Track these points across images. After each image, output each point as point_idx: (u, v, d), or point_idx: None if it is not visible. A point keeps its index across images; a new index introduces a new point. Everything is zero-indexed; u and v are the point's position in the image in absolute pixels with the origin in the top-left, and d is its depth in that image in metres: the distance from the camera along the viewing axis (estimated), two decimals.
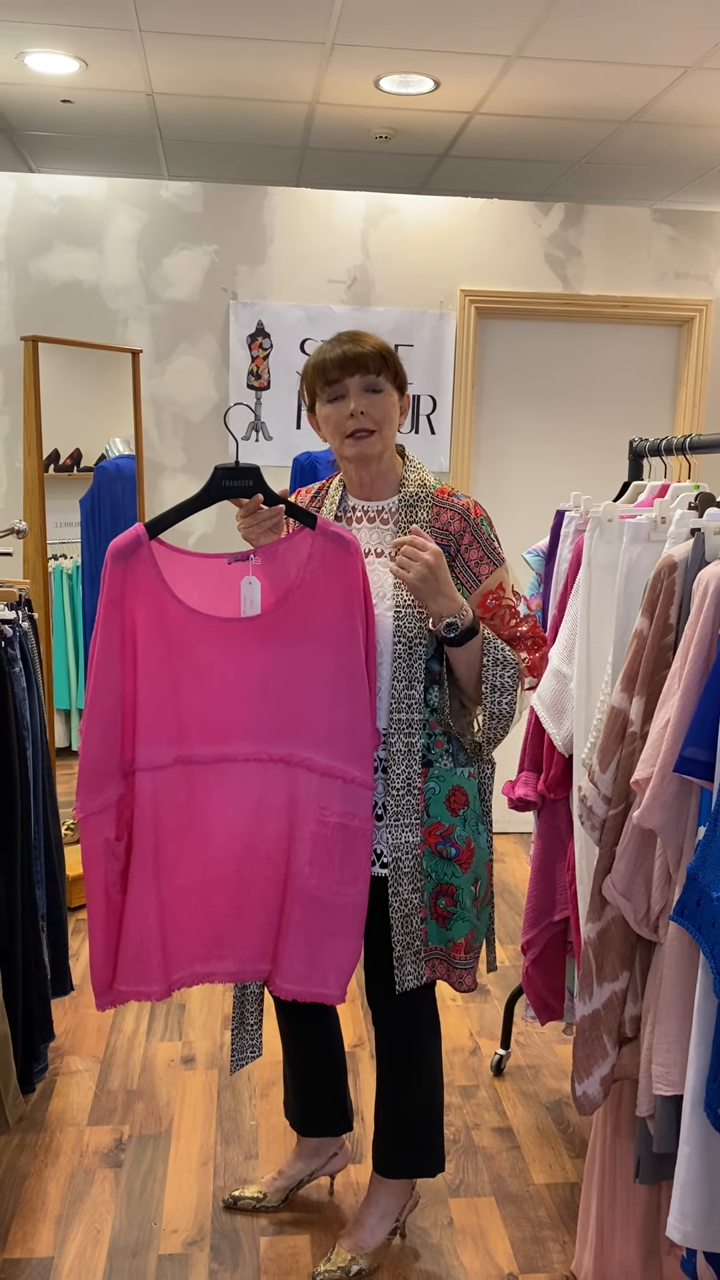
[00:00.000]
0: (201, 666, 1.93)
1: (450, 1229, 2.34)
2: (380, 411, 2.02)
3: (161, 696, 1.92)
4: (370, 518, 2.09)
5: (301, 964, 2.02)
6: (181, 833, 1.97)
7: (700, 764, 1.63)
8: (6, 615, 2.50)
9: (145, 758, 1.94)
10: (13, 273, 4.40)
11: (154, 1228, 2.31)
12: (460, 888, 2.02)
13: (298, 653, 1.95)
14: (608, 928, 1.86)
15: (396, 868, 2.00)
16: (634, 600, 1.98)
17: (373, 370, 2.00)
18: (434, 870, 2.01)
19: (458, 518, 2.03)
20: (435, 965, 2.06)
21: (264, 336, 4.52)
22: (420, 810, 2.00)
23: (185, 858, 1.98)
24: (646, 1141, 1.82)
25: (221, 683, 1.94)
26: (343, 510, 2.12)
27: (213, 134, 4.78)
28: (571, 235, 4.64)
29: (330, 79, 4.01)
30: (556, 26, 3.48)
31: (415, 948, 2.02)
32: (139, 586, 1.89)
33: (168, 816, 1.96)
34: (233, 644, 1.94)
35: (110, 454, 4.35)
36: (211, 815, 1.98)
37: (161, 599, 1.91)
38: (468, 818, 2.04)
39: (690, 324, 4.73)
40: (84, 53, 3.85)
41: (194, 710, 1.94)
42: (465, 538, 2.02)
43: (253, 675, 1.95)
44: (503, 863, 4.52)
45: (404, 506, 2.05)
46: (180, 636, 1.92)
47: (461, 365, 4.61)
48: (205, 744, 1.96)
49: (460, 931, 2.04)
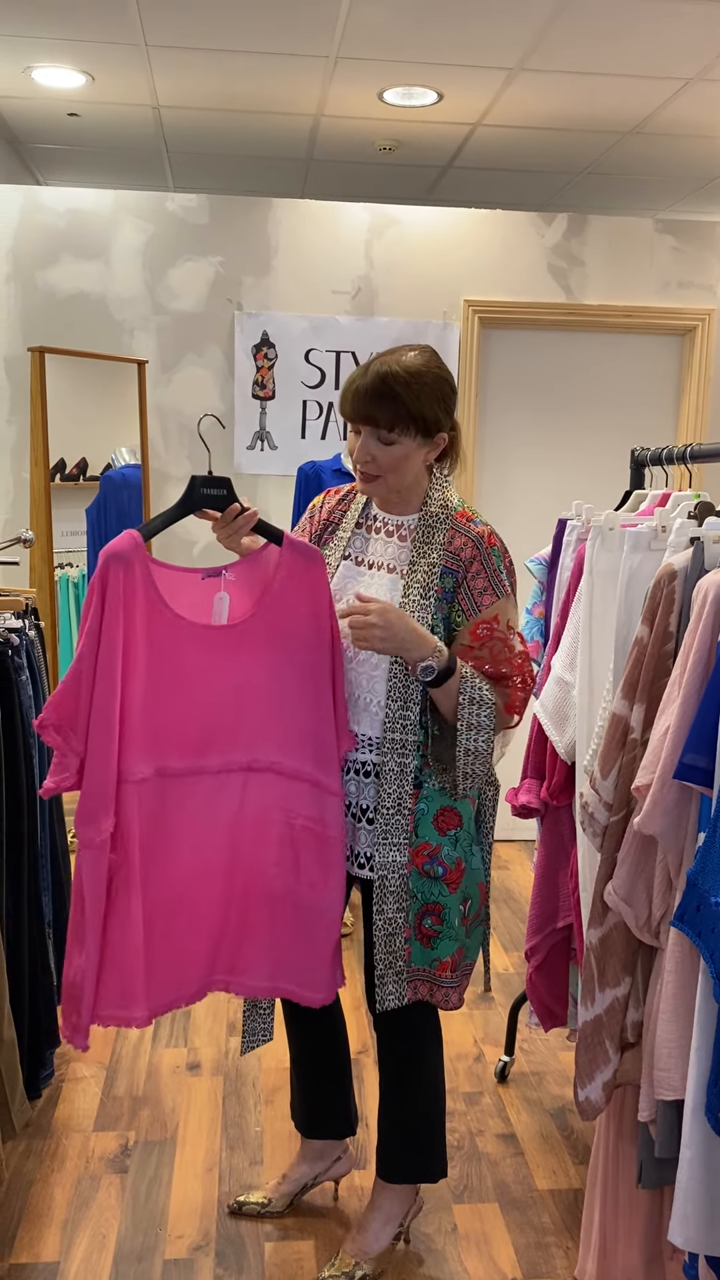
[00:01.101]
0: (186, 675, 1.94)
1: (454, 1234, 2.34)
2: (389, 462, 1.99)
3: (144, 706, 1.90)
4: (390, 531, 2.10)
5: (267, 962, 2.03)
6: (159, 848, 1.94)
7: (700, 770, 1.64)
8: (13, 624, 2.52)
9: (128, 770, 1.89)
10: (20, 284, 4.44)
11: (159, 1233, 2.32)
12: (448, 907, 2.02)
13: (267, 660, 1.98)
14: (609, 934, 1.87)
15: (382, 886, 2.00)
16: (635, 608, 1.99)
17: (383, 425, 1.95)
18: (420, 890, 2.01)
19: (470, 544, 2.00)
20: (418, 986, 2.06)
21: (269, 347, 4.55)
22: (409, 830, 2.00)
23: (163, 873, 1.95)
24: (648, 1146, 1.83)
25: (203, 692, 1.95)
26: (365, 518, 2.13)
27: (218, 146, 4.82)
28: (574, 245, 4.67)
29: (334, 92, 4.05)
30: (559, 39, 3.51)
31: (397, 968, 2.02)
32: (136, 591, 1.89)
33: (147, 831, 1.92)
34: (211, 651, 1.96)
35: (116, 463, 4.38)
36: (186, 828, 1.96)
37: (153, 604, 1.91)
38: (459, 839, 2.03)
39: (693, 333, 4.75)
40: (90, 67, 3.89)
41: (172, 721, 1.93)
42: (474, 565, 1.99)
43: (227, 683, 1.96)
44: (506, 870, 4.53)
45: (423, 525, 2.05)
46: (164, 643, 1.92)
47: (465, 375, 4.63)
48: (180, 755, 1.95)
49: (447, 950, 2.03)
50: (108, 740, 1.86)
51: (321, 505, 2.22)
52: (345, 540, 2.12)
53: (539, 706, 2.46)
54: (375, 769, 2.03)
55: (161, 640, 1.92)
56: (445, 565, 2.00)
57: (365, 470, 2.01)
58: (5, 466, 4.48)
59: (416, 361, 1.97)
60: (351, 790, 2.07)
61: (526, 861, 4.59)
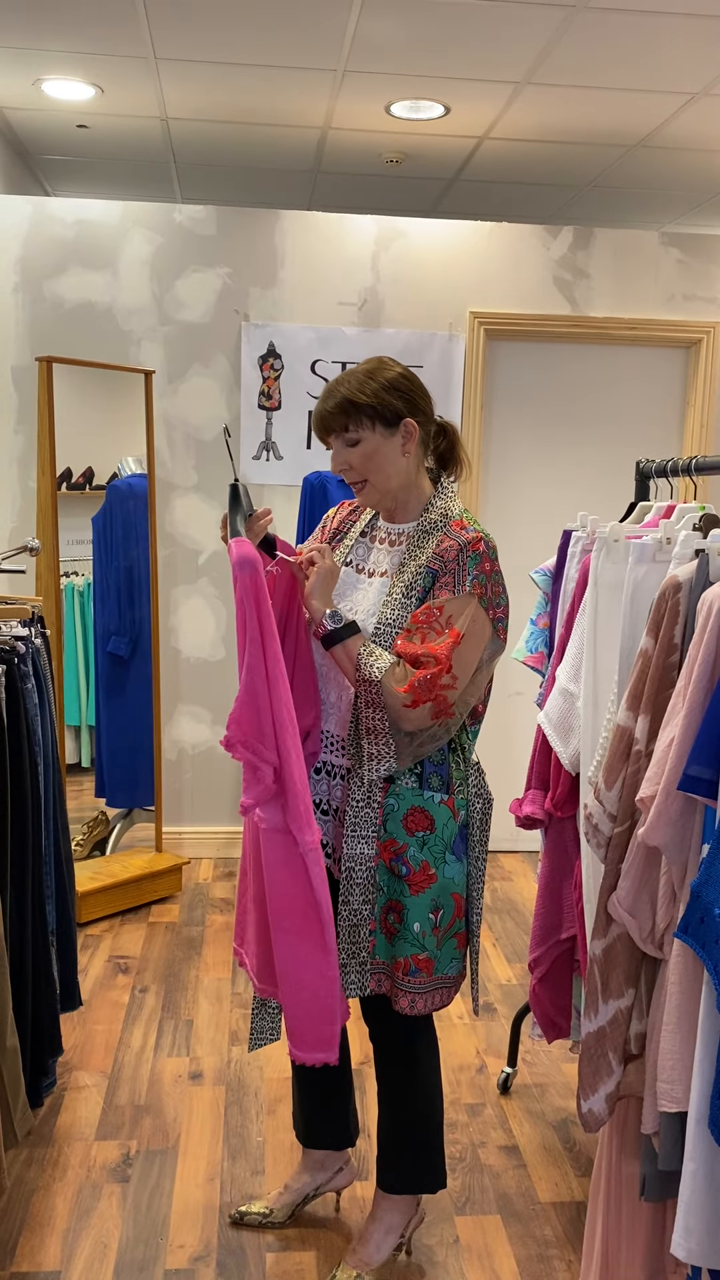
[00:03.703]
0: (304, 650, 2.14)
1: (456, 1246, 2.34)
2: (362, 459, 2.05)
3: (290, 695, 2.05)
4: (392, 540, 2.14)
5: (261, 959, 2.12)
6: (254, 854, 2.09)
7: (704, 782, 1.64)
8: (19, 632, 2.53)
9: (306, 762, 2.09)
10: (28, 294, 4.46)
11: (160, 1243, 2.32)
12: (408, 909, 2.02)
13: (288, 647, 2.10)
14: (613, 945, 1.87)
15: (349, 878, 2.03)
16: (639, 620, 2.00)
17: (337, 428, 2.05)
18: (386, 885, 2.04)
19: (455, 547, 2.00)
20: (381, 980, 2.06)
21: (275, 358, 4.57)
22: (378, 824, 2.02)
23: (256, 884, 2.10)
24: (652, 1159, 1.82)
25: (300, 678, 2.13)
26: (370, 529, 2.20)
27: (226, 158, 4.84)
28: (580, 258, 4.69)
29: (342, 105, 4.07)
30: (565, 53, 3.53)
31: (360, 958, 2.04)
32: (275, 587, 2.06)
33: None
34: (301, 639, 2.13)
35: (122, 473, 4.39)
36: None
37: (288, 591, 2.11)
38: (428, 842, 2.03)
39: (698, 346, 4.76)
40: (100, 79, 3.91)
41: None
42: (452, 565, 1.99)
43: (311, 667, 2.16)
44: (509, 881, 4.52)
45: (419, 532, 2.08)
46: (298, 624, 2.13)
47: (470, 386, 4.65)
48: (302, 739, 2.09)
49: (402, 951, 2.03)
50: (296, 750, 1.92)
51: (334, 516, 2.29)
52: (349, 549, 2.19)
53: (543, 717, 2.46)
54: (346, 771, 2.07)
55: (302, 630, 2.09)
56: (430, 566, 2.02)
57: (347, 479, 2.10)
58: (12, 475, 4.50)
59: (363, 367, 2.09)
60: (322, 790, 2.12)
61: (530, 872, 4.59)
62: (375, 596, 2.09)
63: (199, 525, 4.61)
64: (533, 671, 2.77)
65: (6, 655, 2.42)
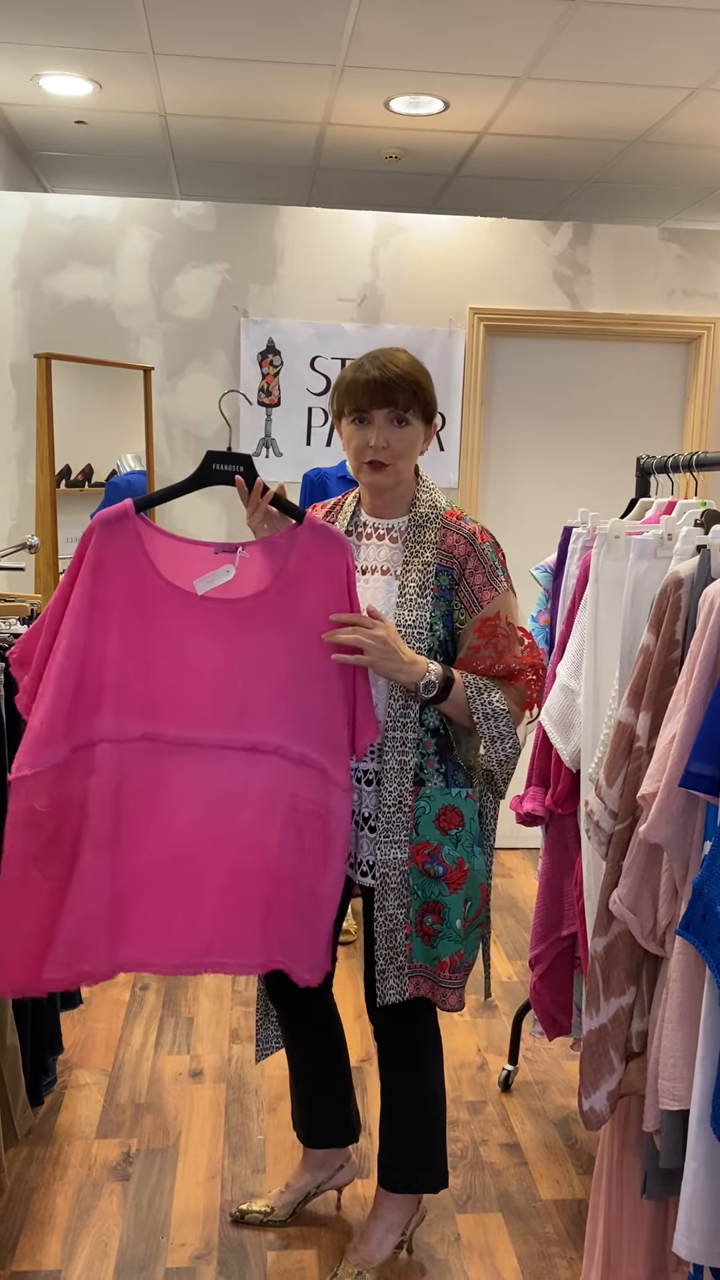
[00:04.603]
0: (177, 644, 1.91)
1: (457, 1244, 2.33)
2: (402, 445, 2.02)
3: (135, 669, 1.90)
4: (381, 535, 2.11)
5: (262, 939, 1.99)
6: (144, 811, 1.92)
7: (706, 779, 1.63)
8: (19, 629, 2.52)
9: (113, 729, 1.89)
10: (26, 291, 4.45)
11: (161, 1241, 2.32)
12: (448, 907, 2.02)
13: (277, 641, 1.94)
14: (614, 943, 1.86)
15: (384, 883, 2.01)
16: (640, 616, 1.99)
17: (401, 405, 1.99)
18: (421, 888, 2.02)
19: (463, 542, 2.03)
20: (420, 983, 2.06)
21: (275, 354, 4.56)
22: (409, 828, 2.01)
23: (146, 838, 1.92)
24: (653, 1157, 1.82)
25: (197, 663, 1.92)
26: (354, 525, 2.14)
27: (224, 154, 4.83)
28: (580, 254, 4.67)
29: (341, 100, 4.06)
30: (565, 48, 3.52)
31: (399, 963, 2.02)
32: (122, 555, 1.89)
33: (131, 792, 1.91)
34: (212, 625, 1.93)
35: (121, 469, 4.38)
36: (178, 799, 1.93)
37: (144, 571, 1.90)
38: (461, 838, 2.03)
39: (698, 342, 4.75)
40: (98, 75, 3.90)
41: (165, 688, 1.91)
42: (470, 562, 2.02)
43: (228, 659, 1.93)
44: (510, 878, 4.52)
45: (413, 526, 2.07)
46: (159, 611, 1.91)
47: (470, 383, 4.64)
48: (175, 724, 1.92)
49: (446, 950, 2.04)
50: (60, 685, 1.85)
51: None
52: None
53: (544, 714, 2.46)
54: (375, 776, 2.04)
55: (150, 606, 1.90)
56: (440, 564, 2.02)
57: (378, 458, 2.01)
58: (11, 472, 4.49)
59: (405, 354, 2.07)
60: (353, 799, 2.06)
61: (531, 869, 4.58)
62: (383, 596, 2.05)
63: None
64: None
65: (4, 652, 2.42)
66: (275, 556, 1.97)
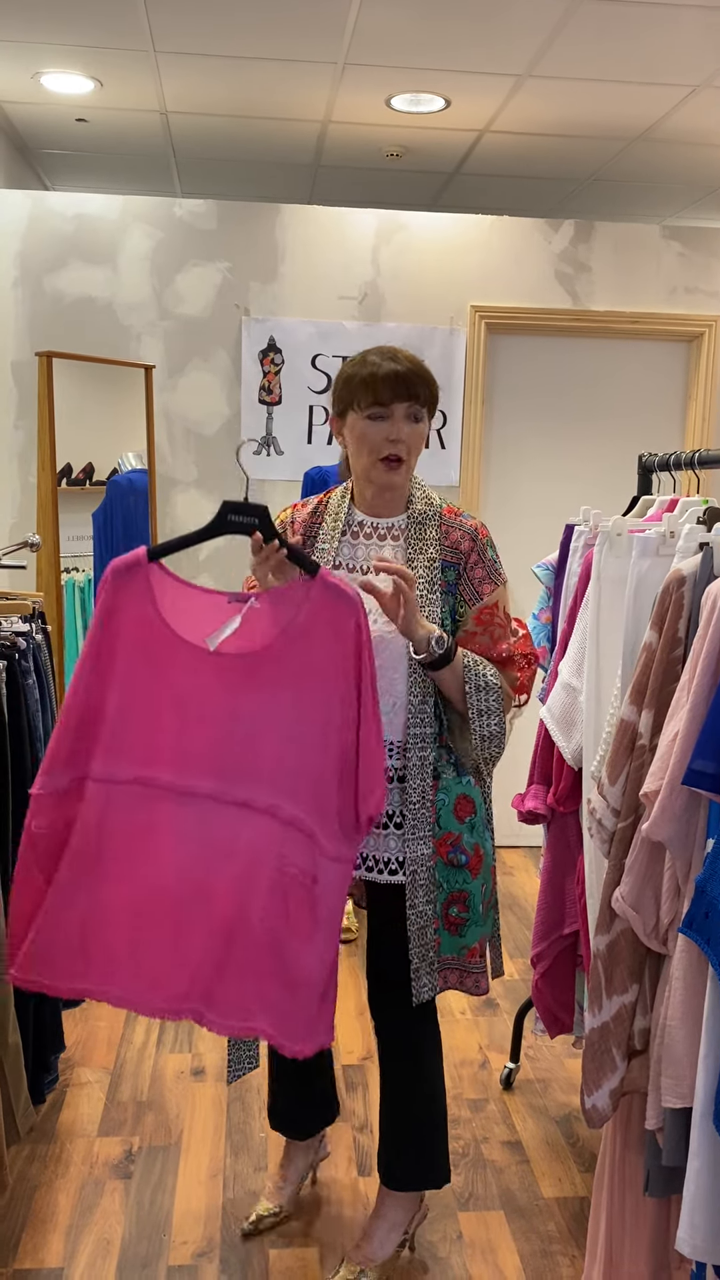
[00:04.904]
0: (179, 694, 1.89)
1: (459, 1242, 2.33)
2: (415, 441, 2.03)
3: (135, 716, 1.89)
4: (381, 534, 2.10)
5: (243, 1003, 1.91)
6: (128, 850, 1.91)
7: (709, 777, 1.63)
8: (20, 628, 2.52)
9: (104, 770, 1.89)
10: (28, 289, 4.45)
11: (163, 1239, 2.32)
12: (472, 893, 2.06)
13: (277, 698, 1.88)
14: (617, 940, 1.86)
15: (413, 881, 2.03)
16: (643, 614, 1.99)
17: (421, 400, 2.00)
18: (445, 880, 2.04)
19: (467, 538, 2.06)
20: (447, 976, 2.09)
21: (276, 352, 4.56)
22: (432, 822, 2.04)
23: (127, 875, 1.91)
24: (656, 1155, 1.82)
25: (198, 714, 1.89)
26: (349, 525, 2.12)
27: (226, 152, 4.83)
28: (581, 251, 4.67)
29: (342, 98, 4.05)
30: (566, 46, 3.51)
31: (430, 959, 2.04)
32: (130, 604, 1.89)
33: (116, 830, 1.90)
34: (216, 677, 1.88)
35: (123, 468, 4.38)
36: (164, 845, 1.90)
37: (150, 621, 1.89)
38: (475, 824, 2.08)
39: (699, 339, 4.74)
40: (99, 73, 3.90)
41: (163, 735, 1.90)
42: (472, 557, 2.06)
43: (228, 712, 1.88)
44: (512, 876, 4.52)
45: (413, 524, 2.07)
46: (163, 660, 1.89)
47: (472, 381, 4.64)
48: (170, 772, 1.90)
49: (474, 937, 2.08)
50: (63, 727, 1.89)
51: (292, 520, 2.16)
52: (333, 549, 2.09)
53: (545, 712, 2.46)
54: (399, 774, 2.04)
55: (155, 655, 1.89)
56: (445, 560, 2.04)
57: (394, 453, 2.00)
58: (12, 471, 4.49)
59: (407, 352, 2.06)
60: None
61: (532, 868, 4.58)
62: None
63: (199, 520, 4.58)
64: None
65: (7, 651, 2.42)
66: (285, 610, 1.90)
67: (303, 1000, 1.91)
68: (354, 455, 2.06)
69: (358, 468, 2.07)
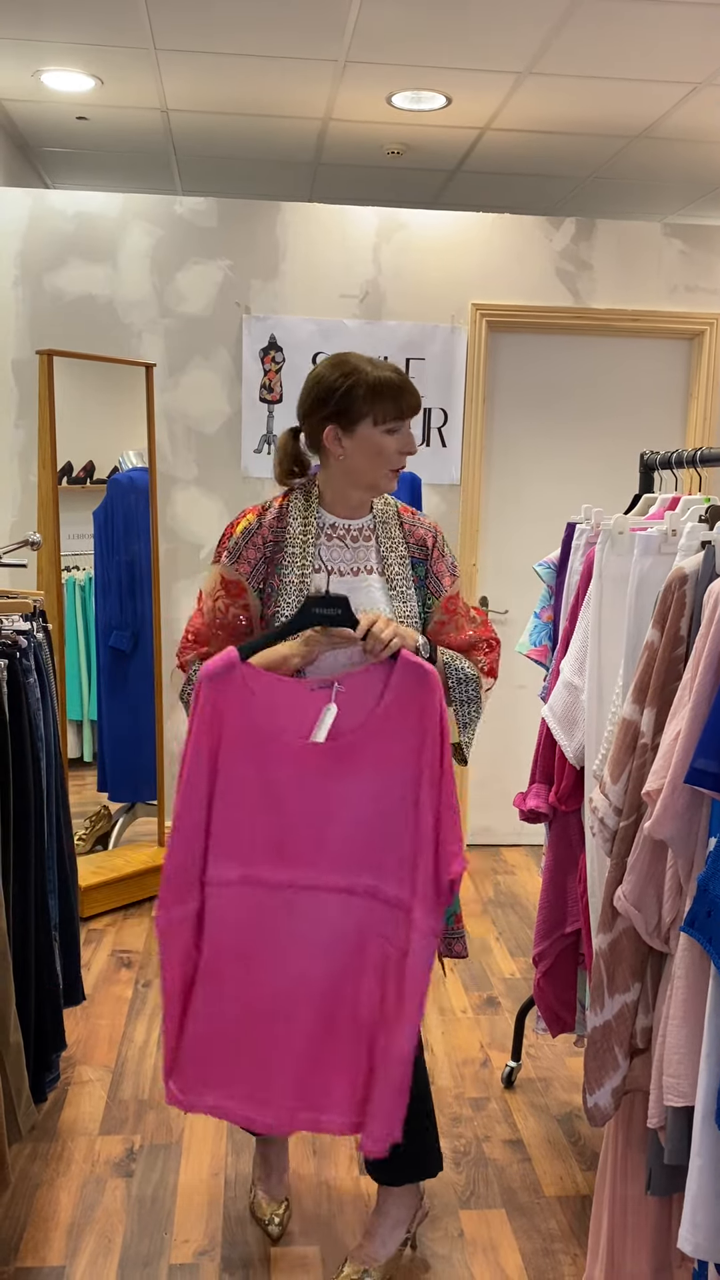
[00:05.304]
0: (276, 787, 1.93)
1: (461, 1241, 2.33)
2: None
3: (238, 816, 1.94)
4: (354, 536, 2.13)
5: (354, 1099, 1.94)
6: (239, 957, 1.94)
7: (711, 775, 1.63)
8: (21, 626, 2.52)
9: (213, 874, 1.94)
10: (28, 287, 4.44)
11: (165, 1238, 2.32)
12: None
13: (368, 780, 1.93)
14: (619, 939, 1.86)
15: None
16: (645, 612, 1.98)
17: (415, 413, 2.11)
18: None
19: (429, 534, 2.19)
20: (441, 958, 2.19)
21: (277, 350, 4.55)
22: None
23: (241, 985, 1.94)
24: (658, 1153, 1.82)
25: (295, 805, 1.93)
26: (322, 529, 2.12)
27: (227, 150, 4.82)
28: (583, 249, 4.66)
29: (343, 96, 4.05)
30: (567, 43, 3.51)
31: None
32: (228, 706, 1.92)
33: (230, 935, 1.94)
34: (308, 767, 1.93)
35: (123, 466, 4.38)
36: (276, 944, 1.94)
37: (248, 720, 1.92)
38: None
39: (701, 338, 4.74)
40: (99, 70, 3.89)
41: (267, 832, 1.94)
42: (435, 552, 2.18)
43: (323, 800, 1.93)
44: (513, 875, 4.52)
45: (380, 524, 2.15)
46: (260, 756, 1.93)
47: (473, 379, 4.63)
48: (271, 868, 1.94)
49: (458, 904, 2.19)
50: (187, 842, 1.93)
51: (259, 526, 2.13)
52: (310, 553, 2.09)
53: (547, 711, 2.45)
54: None
55: (252, 752, 1.93)
56: (414, 556, 2.17)
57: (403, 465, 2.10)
58: (13, 469, 4.49)
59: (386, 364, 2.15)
60: None
61: (534, 866, 4.58)
62: (380, 595, 2.10)
63: (200, 519, 4.60)
64: (537, 665, 2.76)
65: (8, 650, 2.41)
66: (369, 692, 1.94)
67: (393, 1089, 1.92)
68: (361, 464, 2.05)
69: (363, 477, 2.07)
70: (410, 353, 4.60)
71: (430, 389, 4.61)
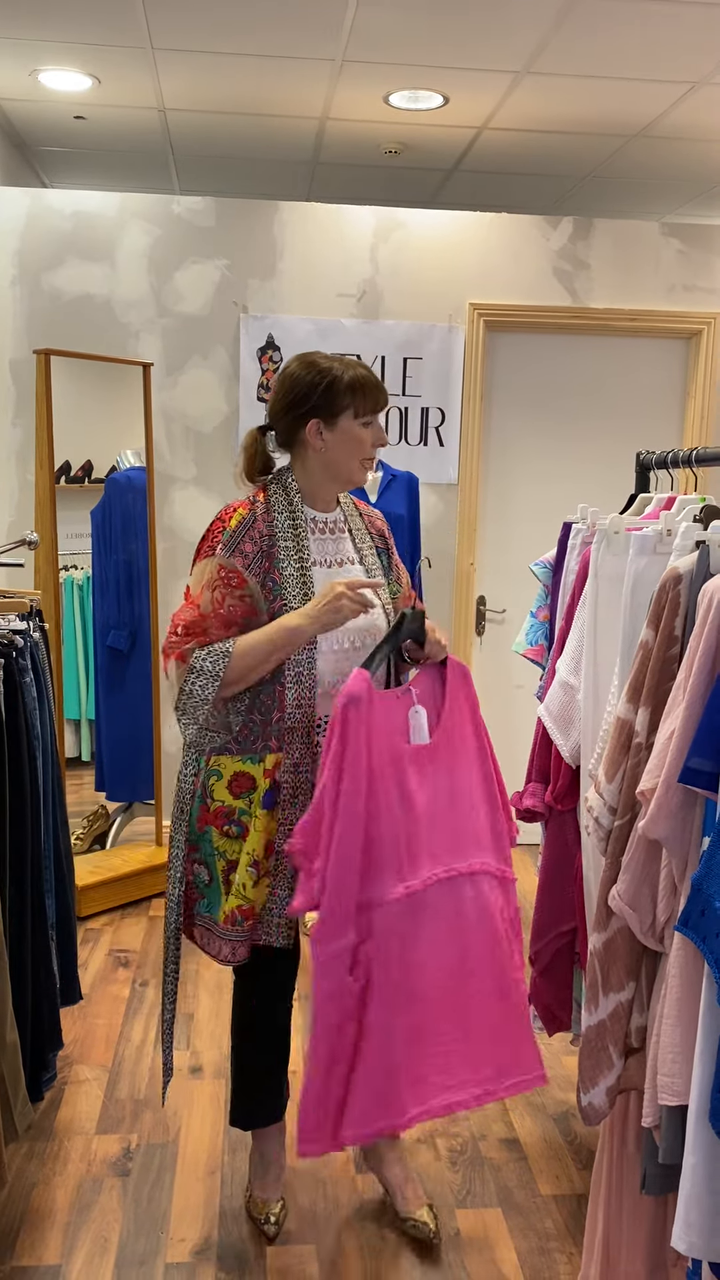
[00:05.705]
0: (406, 795, 2.06)
1: (457, 1239, 2.34)
2: None
3: (393, 831, 2.02)
4: (331, 529, 2.25)
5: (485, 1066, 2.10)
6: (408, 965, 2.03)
7: (705, 775, 1.63)
8: (18, 626, 2.52)
9: (378, 894, 2.00)
10: (26, 286, 4.44)
11: (161, 1237, 2.32)
12: None
13: (459, 769, 2.14)
14: (614, 938, 1.86)
15: None
16: (640, 612, 1.99)
17: None
18: None
19: (384, 524, 2.39)
20: None
21: (274, 349, 4.55)
22: None
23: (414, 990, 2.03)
24: (653, 1153, 1.82)
25: (421, 808, 2.07)
26: (305, 523, 2.20)
27: (224, 149, 4.82)
28: (580, 249, 4.67)
29: (341, 95, 4.05)
30: (565, 42, 3.51)
31: None
32: (372, 727, 2.01)
33: (402, 948, 2.02)
34: (423, 769, 2.09)
35: (121, 466, 4.38)
36: (426, 943, 2.05)
37: (392, 737, 2.05)
38: None
39: (698, 337, 4.74)
40: (97, 70, 3.89)
41: (410, 839, 2.05)
42: (390, 540, 2.37)
43: (430, 796, 2.09)
44: None
45: (347, 517, 2.28)
46: (395, 769, 2.05)
47: (470, 378, 4.63)
48: (415, 871, 2.04)
49: None
50: (347, 871, 1.96)
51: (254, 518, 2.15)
52: (303, 547, 2.16)
53: (543, 710, 2.45)
54: None
55: (388, 767, 2.04)
56: (379, 546, 2.33)
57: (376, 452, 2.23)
58: (11, 469, 4.49)
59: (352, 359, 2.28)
60: None
61: (530, 865, 4.58)
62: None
63: (198, 518, 4.60)
64: (533, 664, 2.76)
65: (5, 649, 2.41)
66: (431, 690, 2.17)
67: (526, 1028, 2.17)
68: (340, 457, 2.18)
69: (342, 469, 2.19)
70: (408, 352, 4.60)
71: (428, 388, 4.61)
